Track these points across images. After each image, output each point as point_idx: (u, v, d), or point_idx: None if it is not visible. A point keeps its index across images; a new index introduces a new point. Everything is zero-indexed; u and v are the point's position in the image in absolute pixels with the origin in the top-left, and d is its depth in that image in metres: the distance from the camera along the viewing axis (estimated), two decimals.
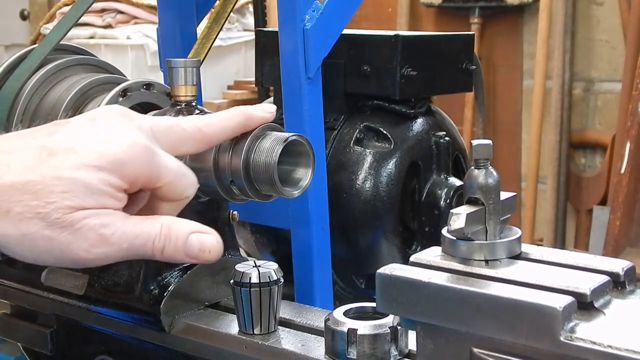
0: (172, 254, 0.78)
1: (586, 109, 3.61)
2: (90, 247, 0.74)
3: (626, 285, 0.67)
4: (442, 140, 1.25)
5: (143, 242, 0.76)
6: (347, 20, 1.15)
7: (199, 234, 0.79)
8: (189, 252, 0.78)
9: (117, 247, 0.75)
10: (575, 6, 3.54)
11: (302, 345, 0.84)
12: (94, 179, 0.73)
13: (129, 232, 0.75)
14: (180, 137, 0.82)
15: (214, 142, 0.86)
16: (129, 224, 0.76)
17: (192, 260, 0.79)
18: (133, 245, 0.76)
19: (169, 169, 0.78)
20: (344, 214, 1.21)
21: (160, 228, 0.77)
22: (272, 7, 3.22)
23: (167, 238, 0.77)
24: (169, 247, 0.77)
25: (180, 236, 0.78)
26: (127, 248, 0.76)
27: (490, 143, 0.70)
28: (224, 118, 0.86)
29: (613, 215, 2.95)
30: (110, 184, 0.74)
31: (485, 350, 0.65)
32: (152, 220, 0.78)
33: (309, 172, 0.89)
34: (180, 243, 0.78)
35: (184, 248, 0.78)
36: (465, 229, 0.67)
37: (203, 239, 0.79)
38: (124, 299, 0.94)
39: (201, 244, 0.78)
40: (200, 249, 0.78)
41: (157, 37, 1.34)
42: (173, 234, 0.77)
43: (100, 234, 0.74)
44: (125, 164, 0.75)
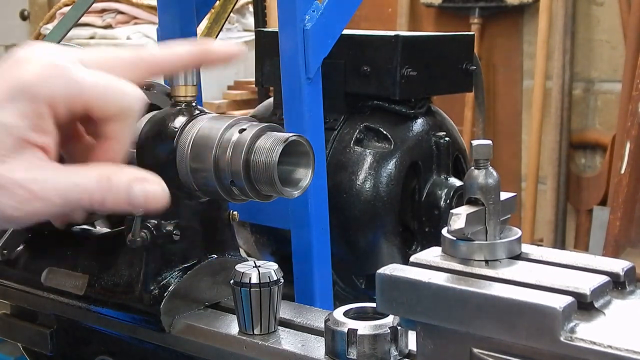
0: (114, 205, 0.73)
1: (586, 109, 3.61)
2: (18, 204, 0.69)
3: (626, 286, 0.67)
4: (442, 140, 1.25)
5: (78, 195, 0.71)
6: (347, 20, 1.15)
7: (142, 182, 0.74)
8: (133, 203, 0.73)
9: (49, 202, 0.70)
10: (575, 6, 3.54)
11: (302, 345, 0.84)
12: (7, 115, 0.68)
13: (60, 186, 0.70)
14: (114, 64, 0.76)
15: (157, 70, 0.80)
16: (61, 176, 0.71)
17: (139, 209, 0.75)
18: (67, 199, 0.71)
19: (92, 80, 0.72)
20: (344, 214, 1.21)
21: (96, 180, 0.72)
22: (272, 7, 3.22)
23: (105, 189, 0.72)
24: (109, 198, 0.72)
25: (122, 187, 0.73)
26: (60, 202, 0.71)
27: (490, 143, 0.70)
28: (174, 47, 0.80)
29: (613, 215, 2.95)
30: (25, 114, 0.69)
31: (485, 350, 0.65)
32: (86, 171, 0.72)
33: (309, 172, 0.89)
34: (122, 194, 0.73)
35: (126, 199, 0.73)
36: (465, 229, 0.67)
37: (147, 188, 0.74)
38: (124, 299, 0.94)
39: (146, 194, 0.74)
40: (145, 199, 0.74)
41: (157, 37, 1.34)
42: (113, 185, 0.72)
43: (29, 189, 0.69)
44: (34, 85, 0.69)
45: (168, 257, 0.93)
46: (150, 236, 0.90)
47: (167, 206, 0.76)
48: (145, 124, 0.94)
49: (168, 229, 0.92)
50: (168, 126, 0.91)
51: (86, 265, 0.99)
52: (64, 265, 1.02)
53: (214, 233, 0.97)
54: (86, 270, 0.99)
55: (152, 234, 0.90)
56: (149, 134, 0.92)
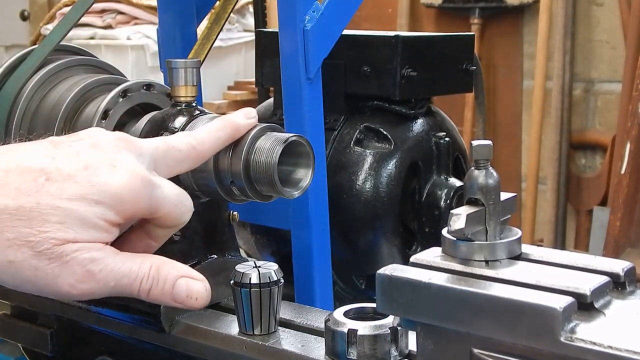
0: (158, 296, 0.76)
1: (586, 110, 3.61)
2: (75, 282, 0.72)
3: (626, 286, 0.67)
4: (443, 140, 1.25)
5: (130, 282, 0.75)
6: (347, 20, 1.15)
7: (187, 279, 0.78)
8: (175, 297, 0.77)
9: (103, 285, 0.73)
10: (575, 7, 3.54)
11: (302, 345, 0.84)
12: (90, 213, 0.72)
13: (116, 271, 0.74)
14: (177, 160, 0.81)
15: (206, 158, 0.85)
16: (118, 261, 0.74)
17: (179, 304, 0.78)
18: (120, 283, 0.74)
19: (168, 200, 0.77)
20: (344, 214, 1.21)
21: (149, 269, 0.76)
22: (272, 8, 3.22)
23: (154, 280, 0.76)
24: (155, 289, 0.76)
25: (169, 280, 0.76)
26: (113, 286, 0.74)
27: (491, 144, 0.70)
28: (214, 132, 0.85)
29: (613, 215, 2.95)
30: (106, 219, 0.73)
31: (486, 350, 0.65)
32: (141, 259, 0.76)
33: (309, 172, 0.89)
34: (168, 287, 0.76)
35: (171, 292, 0.77)
36: (465, 230, 0.67)
37: (191, 285, 0.78)
38: (124, 300, 0.94)
39: (189, 291, 0.77)
40: (188, 296, 0.77)
41: (157, 37, 1.34)
42: (162, 276, 0.76)
43: (88, 270, 0.72)
44: (124, 200, 0.73)
45: (168, 257, 0.92)
46: None
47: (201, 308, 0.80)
48: (146, 124, 0.94)
49: None
50: (168, 126, 0.91)
51: None
52: None
53: (214, 233, 0.97)
54: None
55: None
56: (149, 134, 0.92)
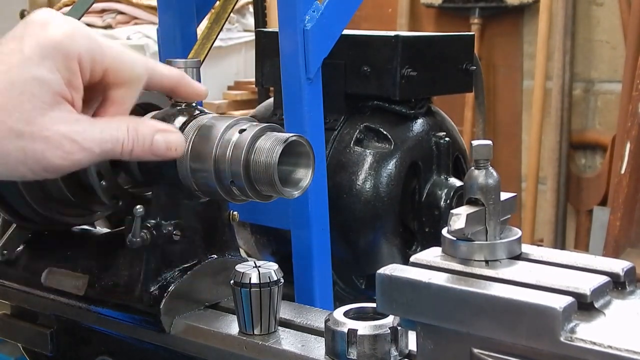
0: (140, 153, 0.82)
1: (586, 110, 3.61)
2: (65, 154, 0.76)
3: (626, 286, 0.67)
4: (443, 140, 1.25)
5: (112, 145, 0.79)
6: (347, 20, 1.15)
7: (163, 133, 0.83)
8: (155, 151, 0.82)
9: (90, 152, 0.78)
10: (575, 7, 3.54)
11: (302, 345, 0.84)
12: (42, 70, 0.74)
13: (98, 137, 0.78)
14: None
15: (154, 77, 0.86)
16: (97, 128, 0.78)
17: (159, 157, 0.83)
18: (103, 148, 0.78)
19: (112, 47, 0.80)
20: (344, 214, 1.21)
21: (126, 131, 0.80)
22: (272, 8, 3.22)
23: (134, 140, 0.80)
24: (137, 147, 0.81)
25: (147, 136, 0.81)
26: (98, 152, 0.78)
27: (491, 144, 0.70)
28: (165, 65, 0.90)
29: (613, 215, 2.95)
30: (59, 69, 0.75)
31: (486, 350, 0.65)
32: (118, 123, 0.80)
33: (309, 172, 0.89)
34: (147, 143, 0.81)
35: (150, 148, 0.82)
36: (465, 230, 0.67)
37: (168, 138, 0.83)
38: (124, 300, 0.94)
39: (167, 143, 0.83)
40: (167, 147, 0.83)
41: (157, 37, 1.34)
42: (140, 135, 0.81)
43: (73, 141, 0.76)
44: (66, 42, 0.76)
45: (168, 257, 0.93)
46: (150, 236, 0.90)
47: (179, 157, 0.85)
48: None
49: (168, 229, 0.92)
50: None
51: (86, 265, 0.99)
52: (64, 266, 1.02)
53: (214, 233, 0.97)
54: (86, 270, 0.99)
55: (152, 234, 0.90)
56: None
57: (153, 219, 0.91)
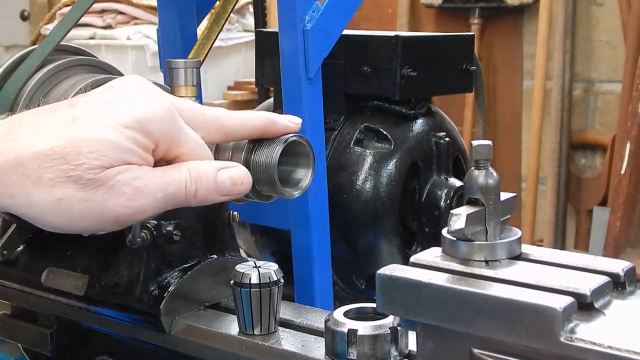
0: (205, 194, 0.79)
1: (586, 110, 3.61)
2: (127, 202, 0.75)
3: (626, 286, 0.67)
4: (442, 140, 1.25)
5: (176, 188, 0.77)
6: (347, 20, 1.15)
7: (226, 169, 0.80)
8: (221, 190, 0.79)
9: (153, 198, 0.76)
10: (575, 7, 3.54)
11: (302, 345, 0.84)
12: (120, 137, 0.74)
13: (160, 182, 0.76)
14: (198, 120, 0.82)
15: (230, 137, 0.85)
16: (158, 173, 0.77)
17: (226, 196, 0.80)
18: (167, 193, 0.77)
19: (190, 137, 0.79)
20: (344, 214, 1.21)
21: (188, 172, 0.78)
22: (272, 8, 3.22)
23: (197, 180, 0.78)
24: (201, 188, 0.78)
25: (210, 175, 0.79)
26: (162, 197, 0.76)
27: (490, 144, 0.70)
28: (247, 116, 0.86)
29: (613, 215, 2.95)
30: (137, 142, 0.75)
31: (486, 350, 0.65)
32: (178, 167, 0.78)
33: (309, 172, 0.89)
34: (212, 182, 0.79)
35: (215, 187, 0.79)
36: (465, 230, 0.67)
37: (232, 173, 0.80)
38: (124, 300, 0.94)
39: (232, 179, 0.80)
40: (232, 183, 0.80)
41: (157, 37, 1.34)
42: (202, 175, 0.78)
43: (135, 187, 0.75)
44: (149, 122, 0.75)
45: (168, 257, 0.93)
46: (150, 236, 0.90)
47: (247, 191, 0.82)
48: None
49: (168, 229, 0.92)
50: None
51: (86, 265, 0.99)
52: (64, 266, 1.02)
53: (214, 233, 0.97)
54: (86, 270, 0.99)
55: (152, 234, 0.90)
56: None
57: (153, 219, 0.91)
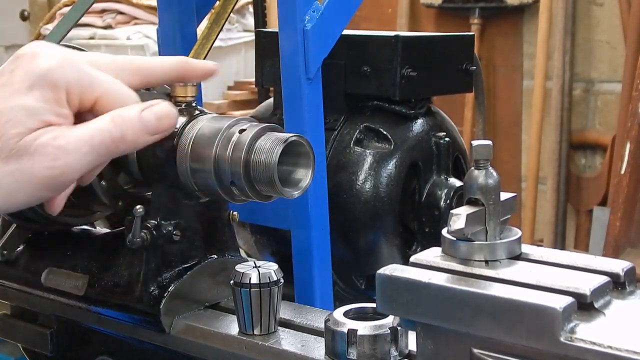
0: (133, 136, 0.77)
1: (586, 110, 3.61)
2: (51, 162, 0.73)
3: (626, 286, 0.67)
4: (442, 140, 1.25)
5: (101, 137, 0.76)
6: (347, 20, 1.15)
7: (149, 107, 0.79)
8: (148, 128, 0.78)
9: (78, 153, 0.74)
10: (575, 7, 3.54)
11: (302, 345, 0.84)
12: (30, 99, 0.74)
13: (82, 135, 0.75)
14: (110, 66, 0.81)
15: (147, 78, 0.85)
16: (80, 127, 0.76)
17: (155, 135, 0.79)
18: (93, 145, 0.75)
19: (103, 79, 0.78)
20: (344, 214, 1.21)
21: (110, 119, 0.76)
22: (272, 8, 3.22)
23: (121, 125, 0.77)
24: (127, 132, 0.77)
25: (133, 117, 0.77)
26: (88, 150, 0.75)
27: (490, 144, 0.70)
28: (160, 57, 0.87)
29: (613, 215, 2.95)
30: (46, 98, 0.74)
31: (486, 350, 0.65)
32: (100, 117, 0.77)
33: (309, 172, 0.89)
34: (137, 123, 0.77)
35: (141, 127, 0.78)
36: (465, 230, 0.67)
37: (155, 110, 0.79)
38: (123, 300, 0.94)
39: (156, 115, 0.79)
40: (157, 119, 0.79)
41: (157, 37, 1.34)
42: (125, 118, 0.77)
43: (56, 146, 0.73)
44: (52, 73, 0.75)
45: (168, 257, 0.93)
46: (150, 236, 0.90)
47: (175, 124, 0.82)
48: None
49: (168, 229, 0.92)
50: None
51: (86, 265, 0.99)
52: (64, 266, 1.02)
53: (214, 233, 0.97)
54: (86, 270, 0.99)
55: (152, 234, 0.90)
56: None
57: (153, 219, 0.91)
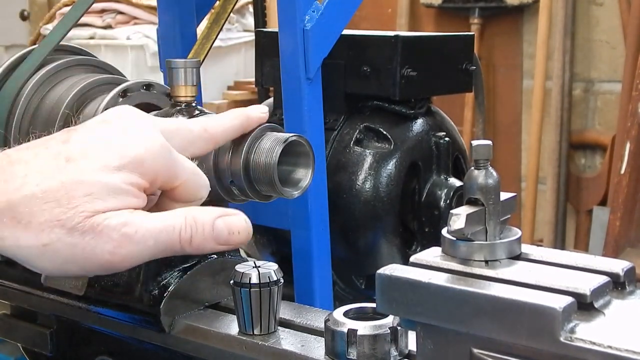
0: (201, 242, 0.75)
1: (586, 110, 3.61)
2: (114, 249, 0.72)
3: (626, 286, 0.67)
4: (442, 140, 1.25)
5: (168, 235, 0.74)
6: (347, 20, 1.15)
7: (224, 217, 0.77)
8: (218, 238, 0.76)
9: (143, 245, 0.73)
10: (575, 7, 3.54)
11: (302, 345, 0.84)
12: (116, 179, 0.72)
13: (152, 228, 0.73)
14: (188, 139, 0.81)
15: (218, 143, 0.85)
16: (152, 219, 0.74)
17: (223, 246, 0.77)
18: (159, 240, 0.73)
19: (185, 168, 0.78)
20: (344, 214, 1.21)
21: (184, 219, 0.75)
22: (272, 8, 3.22)
23: (193, 227, 0.75)
24: (196, 236, 0.75)
25: (207, 223, 0.75)
26: (153, 245, 0.73)
27: (490, 143, 0.70)
28: (227, 119, 0.86)
29: (613, 215, 2.95)
30: (132, 183, 0.73)
31: (485, 350, 0.65)
32: (174, 213, 0.75)
33: (308, 172, 0.89)
34: (208, 230, 0.75)
35: (212, 235, 0.75)
36: (465, 230, 0.67)
37: (230, 222, 0.77)
38: (123, 300, 0.94)
39: (229, 227, 0.76)
40: (230, 232, 0.76)
41: (157, 37, 1.34)
42: (199, 222, 0.75)
43: (124, 233, 0.72)
44: (145, 161, 0.74)
45: (168, 257, 0.93)
46: None
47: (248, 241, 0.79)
48: None
49: None
50: None
51: None
52: None
53: None
54: None
55: None
56: None
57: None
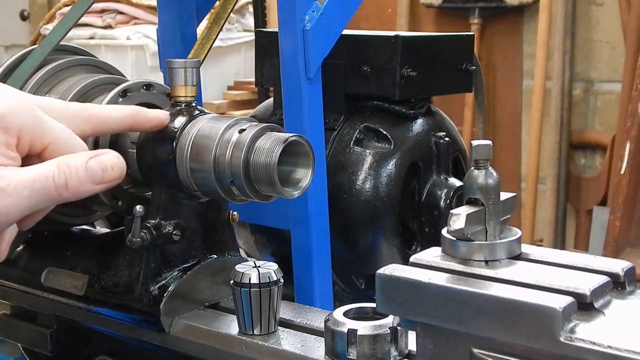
0: (77, 185, 0.77)
1: (586, 110, 3.61)
2: None
3: (626, 286, 0.67)
4: (442, 140, 1.25)
5: (42, 183, 0.75)
6: (347, 20, 1.15)
7: (96, 157, 0.78)
8: (93, 178, 0.77)
9: (18, 196, 0.74)
10: (575, 7, 3.54)
11: (302, 345, 0.84)
12: None
13: (24, 179, 0.74)
14: (62, 113, 0.81)
15: (100, 126, 0.85)
16: (24, 171, 0.75)
17: (99, 185, 0.78)
18: (33, 189, 0.74)
19: (54, 125, 0.78)
20: (344, 214, 1.21)
21: (57, 165, 0.76)
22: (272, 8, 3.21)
23: (67, 172, 0.76)
24: (71, 180, 0.76)
25: (80, 165, 0.77)
26: (28, 195, 0.74)
27: (490, 143, 0.70)
28: (116, 108, 0.87)
29: (613, 215, 2.95)
30: None
31: (485, 350, 0.65)
32: (47, 162, 0.76)
33: (308, 172, 0.89)
34: (82, 172, 0.77)
35: (86, 176, 0.77)
36: (465, 230, 0.67)
37: (102, 160, 0.78)
38: (123, 300, 0.94)
39: (102, 165, 0.78)
40: (103, 169, 0.78)
41: (157, 37, 1.34)
42: (72, 166, 0.76)
43: None
44: (7, 116, 0.74)
45: (168, 257, 0.93)
46: (150, 236, 0.90)
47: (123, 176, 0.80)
48: None
49: (168, 229, 0.92)
50: (168, 126, 0.91)
51: (86, 265, 0.99)
52: (64, 266, 1.02)
53: (214, 233, 0.97)
54: (86, 270, 0.99)
55: (152, 234, 0.90)
56: (148, 134, 0.92)
57: (153, 219, 0.91)
